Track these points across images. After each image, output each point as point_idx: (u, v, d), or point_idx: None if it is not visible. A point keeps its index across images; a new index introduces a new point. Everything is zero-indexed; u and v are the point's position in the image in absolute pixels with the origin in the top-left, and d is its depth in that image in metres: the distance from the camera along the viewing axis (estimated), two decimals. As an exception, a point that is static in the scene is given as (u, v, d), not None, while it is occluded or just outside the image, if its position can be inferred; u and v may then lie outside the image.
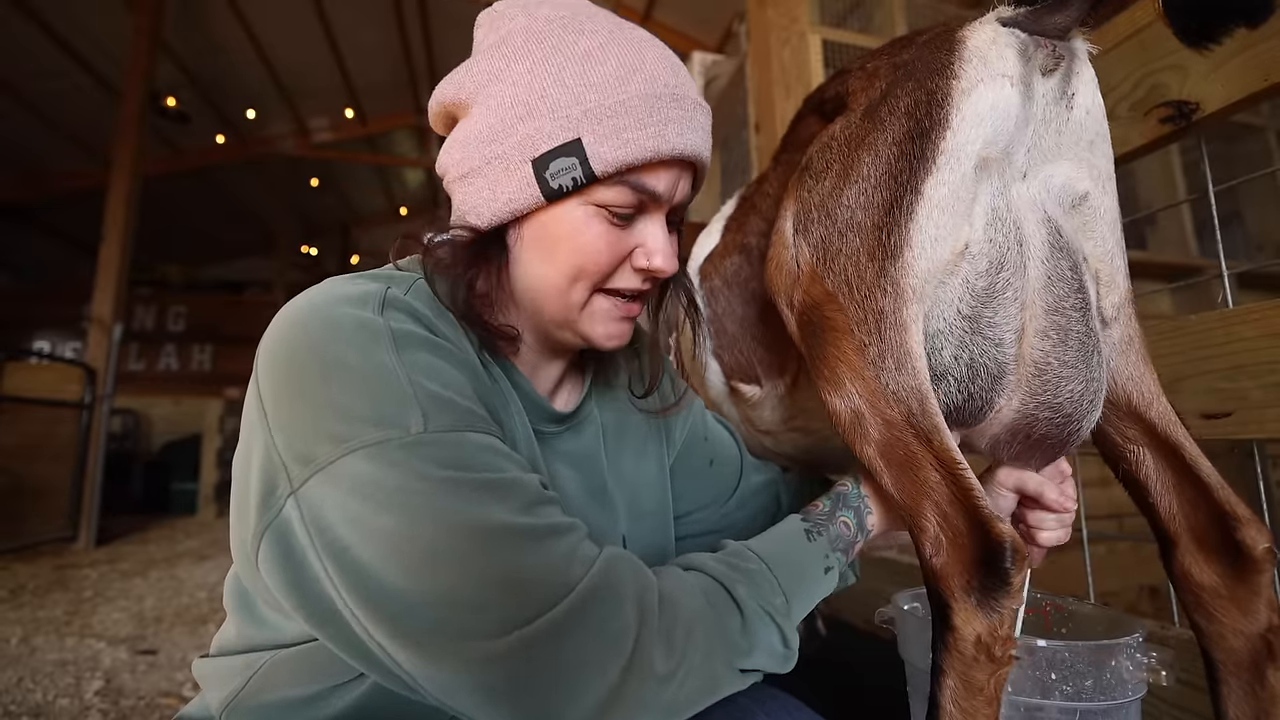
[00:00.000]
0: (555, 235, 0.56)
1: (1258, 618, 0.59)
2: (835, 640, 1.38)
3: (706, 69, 3.08)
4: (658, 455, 0.77)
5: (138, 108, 4.42)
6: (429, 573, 0.43)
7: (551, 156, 0.53)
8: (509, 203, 0.55)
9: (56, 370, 4.25)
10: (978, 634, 0.51)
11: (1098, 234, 0.63)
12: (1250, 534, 0.59)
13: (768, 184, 0.87)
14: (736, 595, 0.54)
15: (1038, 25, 0.58)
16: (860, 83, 0.69)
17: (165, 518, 5.07)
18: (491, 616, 0.43)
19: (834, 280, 0.61)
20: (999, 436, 0.65)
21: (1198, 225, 2.71)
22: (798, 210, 0.66)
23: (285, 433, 0.47)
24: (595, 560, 0.48)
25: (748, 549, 0.59)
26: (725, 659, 0.51)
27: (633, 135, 0.53)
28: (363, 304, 0.50)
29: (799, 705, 0.50)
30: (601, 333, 0.60)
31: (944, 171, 0.57)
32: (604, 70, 0.53)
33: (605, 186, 0.55)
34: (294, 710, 0.53)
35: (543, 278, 0.58)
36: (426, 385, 0.48)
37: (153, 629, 2.22)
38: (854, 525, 0.65)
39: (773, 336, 0.83)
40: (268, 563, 0.48)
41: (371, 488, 0.44)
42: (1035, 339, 0.60)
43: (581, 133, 0.52)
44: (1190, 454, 0.63)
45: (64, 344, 7.91)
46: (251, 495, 0.49)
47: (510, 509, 0.46)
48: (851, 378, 0.58)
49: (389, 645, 0.44)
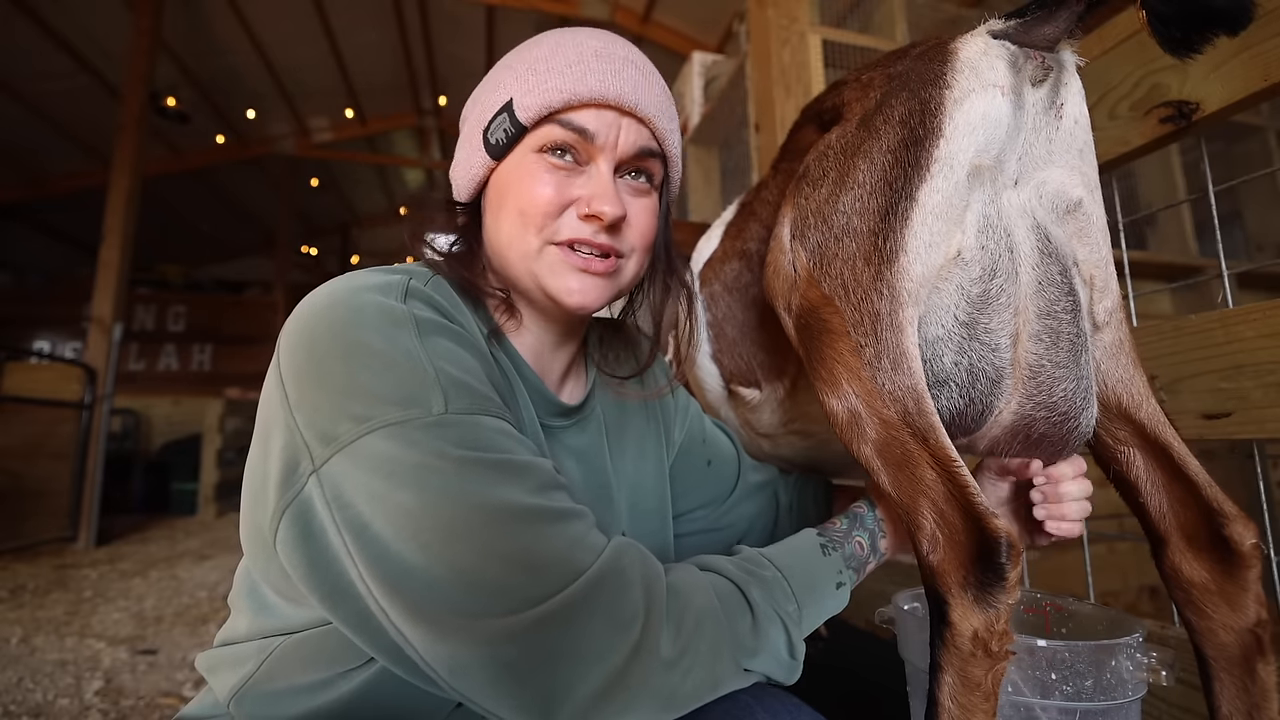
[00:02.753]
0: (504, 187, 0.61)
1: (1246, 613, 0.60)
2: (836, 641, 1.38)
3: (706, 69, 3.08)
4: (657, 455, 0.78)
5: (138, 108, 4.41)
6: (445, 549, 0.44)
7: (492, 121, 0.61)
8: (469, 171, 0.63)
9: (56, 370, 4.24)
10: (974, 629, 0.51)
11: (1092, 240, 0.64)
12: (1238, 530, 0.60)
13: (767, 191, 0.88)
14: (750, 596, 0.54)
15: (1027, 37, 0.59)
16: (855, 93, 0.70)
17: (165, 518, 5.06)
18: (504, 595, 0.44)
19: (830, 284, 0.62)
20: (999, 439, 0.66)
21: (1198, 225, 2.71)
22: (795, 216, 0.68)
23: (308, 413, 0.49)
24: (604, 547, 0.49)
25: (764, 556, 0.60)
26: (731, 655, 0.51)
27: (552, 83, 0.58)
28: (386, 292, 0.53)
29: (798, 703, 0.50)
30: (561, 286, 0.60)
31: (938, 179, 0.59)
32: (537, 50, 0.61)
33: (536, 131, 0.59)
34: (303, 696, 0.54)
35: (498, 230, 0.62)
36: (448, 369, 0.50)
37: (153, 629, 2.22)
38: (868, 546, 0.66)
39: (772, 341, 0.84)
40: (287, 543, 0.49)
41: (392, 465, 0.46)
42: (1029, 342, 0.61)
43: (512, 94, 0.60)
44: (1179, 454, 0.64)
45: (64, 344, 7.91)
46: (271, 477, 0.50)
47: (524, 490, 0.48)
48: (848, 378, 0.59)
49: (402, 623, 0.45)
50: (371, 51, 6.55)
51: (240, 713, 0.57)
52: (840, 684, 1.18)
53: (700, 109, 3.04)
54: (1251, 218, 3.00)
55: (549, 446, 0.65)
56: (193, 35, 5.84)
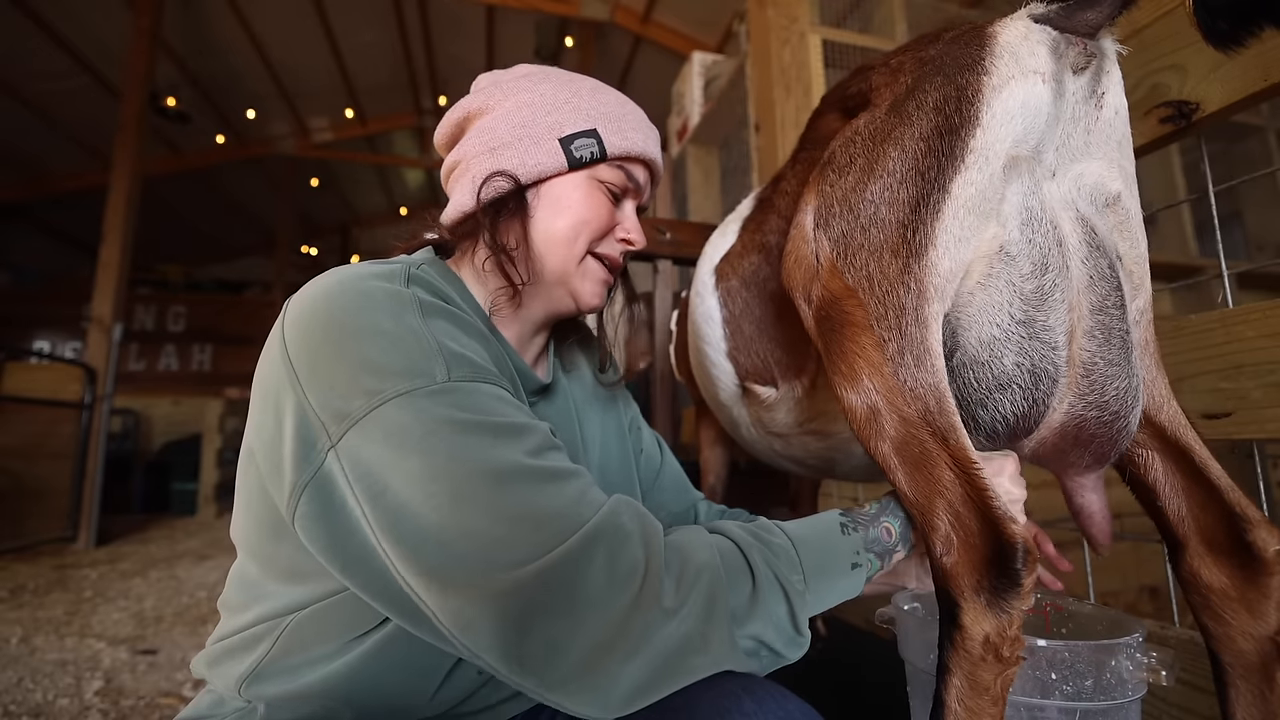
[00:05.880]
0: (568, 196, 0.70)
1: (1267, 620, 0.58)
2: (835, 640, 1.38)
3: (706, 69, 3.07)
4: (619, 431, 0.84)
5: (137, 108, 4.41)
6: (453, 509, 0.47)
7: (575, 137, 0.69)
8: (538, 165, 0.68)
9: (56, 370, 4.24)
10: (986, 634, 0.50)
11: (1131, 234, 0.62)
12: (1261, 535, 0.58)
13: (786, 182, 0.86)
14: (751, 559, 0.55)
15: (1069, 22, 0.57)
16: (884, 78, 0.68)
17: (165, 518, 5.06)
18: (509, 550, 0.46)
19: (854, 275, 0.60)
20: (1047, 439, 0.64)
21: (1198, 225, 2.71)
22: (819, 205, 0.65)
23: (321, 392, 0.52)
24: (603, 503, 0.52)
25: (777, 525, 0.61)
26: (726, 615, 0.51)
27: (630, 135, 0.72)
28: (390, 279, 0.58)
29: (786, 693, 0.49)
30: (589, 289, 0.72)
31: (972, 170, 0.56)
32: (608, 97, 0.73)
33: (607, 167, 0.71)
34: (318, 664, 0.56)
35: (555, 229, 0.69)
36: (448, 344, 0.55)
37: (153, 629, 2.21)
38: (896, 533, 0.64)
39: (790, 337, 0.82)
40: (307, 517, 0.52)
41: (403, 434, 0.49)
42: (1083, 339, 0.59)
43: (598, 126, 0.70)
44: (1200, 456, 0.62)
45: (64, 344, 7.91)
46: (286, 458, 0.53)
47: (524, 450, 0.51)
48: (869, 373, 0.58)
49: (416, 583, 0.48)
50: (371, 51, 6.55)
51: (254, 693, 0.58)
52: (840, 684, 1.18)
53: (700, 109, 3.04)
54: (1252, 218, 3.00)
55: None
56: (193, 35, 5.84)
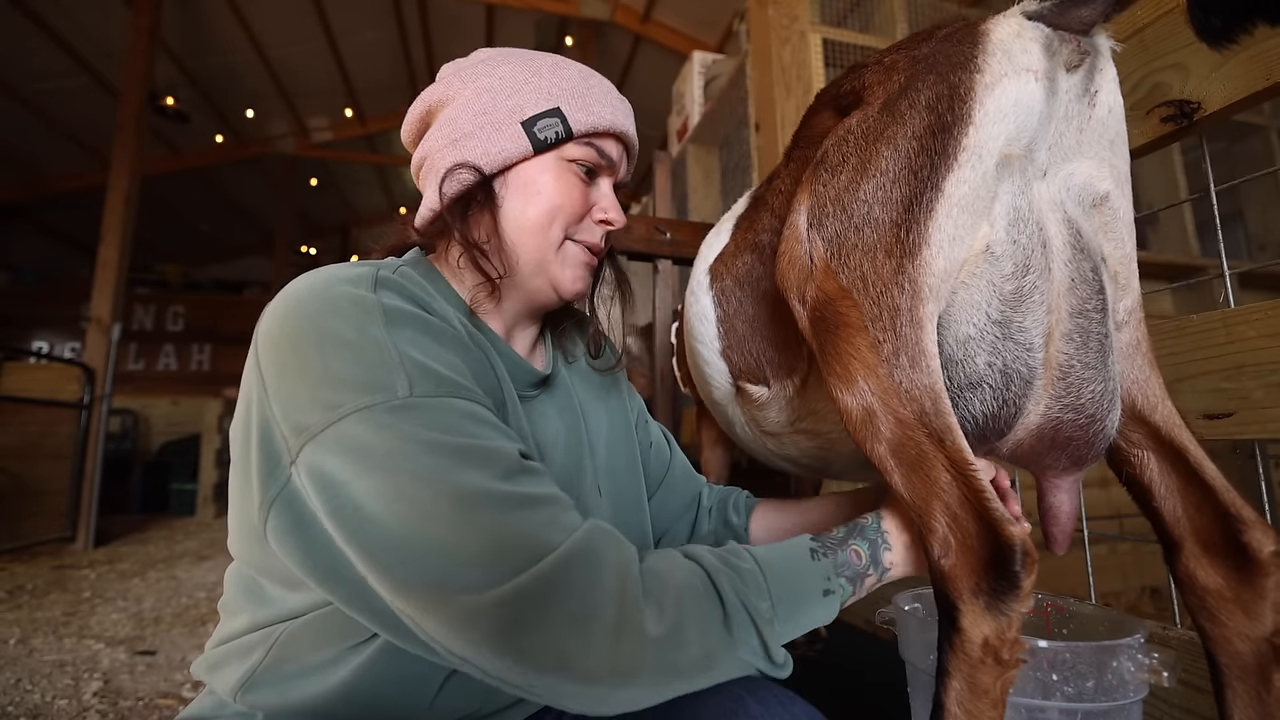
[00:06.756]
0: (537, 181, 0.67)
1: (1263, 621, 0.58)
2: (836, 641, 1.38)
3: (706, 69, 3.07)
4: (624, 418, 0.84)
5: (137, 107, 4.40)
6: (417, 528, 0.46)
7: (539, 118, 0.66)
8: (501, 152, 0.66)
9: (55, 370, 4.24)
10: (985, 636, 0.50)
11: (1117, 235, 0.62)
12: (1257, 537, 0.58)
13: (780, 181, 0.86)
14: (720, 586, 0.53)
15: (1063, 19, 0.57)
16: (877, 76, 0.67)
17: (164, 518, 5.06)
18: (471, 573, 0.46)
19: (848, 275, 0.60)
20: (1024, 441, 0.64)
21: (1199, 225, 2.71)
22: (812, 204, 0.65)
23: (284, 404, 0.51)
24: (576, 529, 0.50)
25: (746, 550, 0.59)
26: (718, 627, 0.51)
27: (596, 109, 0.68)
28: (357, 283, 0.55)
29: (792, 696, 0.49)
30: (569, 276, 0.70)
31: (965, 169, 0.56)
32: (570, 72, 0.70)
33: (575, 145, 0.68)
34: (313, 676, 0.55)
35: (526, 217, 0.67)
36: (412, 355, 0.52)
37: (151, 630, 2.21)
38: (866, 555, 0.63)
39: (783, 337, 0.82)
40: (278, 531, 0.52)
41: (364, 450, 0.48)
42: (1061, 342, 0.59)
43: (561, 104, 0.67)
44: (1195, 457, 0.62)
45: (63, 344, 7.90)
46: (254, 469, 0.52)
47: (489, 475, 0.49)
48: (864, 374, 0.57)
49: (390, 597, 0.47)
50: (371, 51, 6.55)
51: (249, 701, 0.57)
52: (841, 684, 1.18)
53: (700, 108, 3.04)
54: (1253, 217, 3.00)
55: (529, 413, 0.69)
56: (191, 35, 5.84)
